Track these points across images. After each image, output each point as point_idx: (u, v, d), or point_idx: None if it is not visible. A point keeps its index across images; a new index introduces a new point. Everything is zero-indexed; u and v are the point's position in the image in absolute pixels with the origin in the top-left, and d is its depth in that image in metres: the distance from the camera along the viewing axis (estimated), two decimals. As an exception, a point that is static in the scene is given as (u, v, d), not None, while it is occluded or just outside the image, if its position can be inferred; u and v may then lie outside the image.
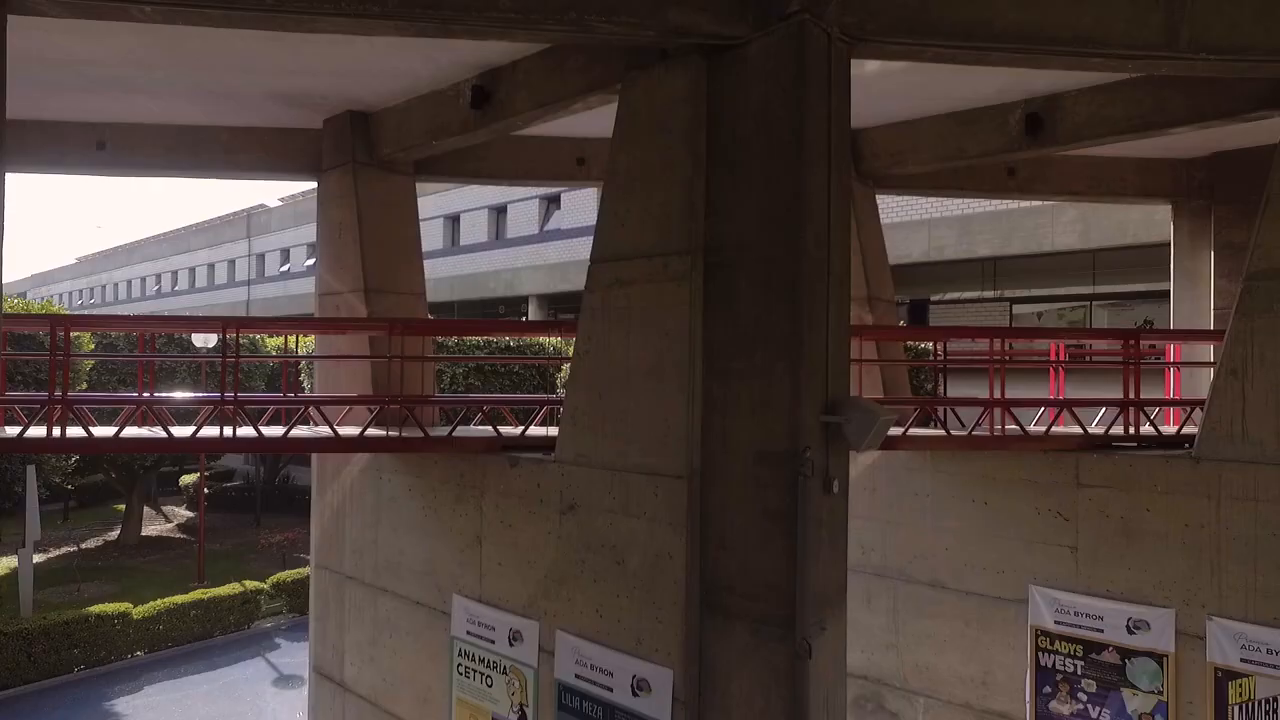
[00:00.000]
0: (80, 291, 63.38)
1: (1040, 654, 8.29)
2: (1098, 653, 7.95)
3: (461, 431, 8.12)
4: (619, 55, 6.66)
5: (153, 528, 26.23)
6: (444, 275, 31.09)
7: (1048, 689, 8.26)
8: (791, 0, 5.42)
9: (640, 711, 6.10)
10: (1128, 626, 7.78)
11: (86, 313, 42.99)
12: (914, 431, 8.23)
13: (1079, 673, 8.08)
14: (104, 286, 59.54)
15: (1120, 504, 7.86)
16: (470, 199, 29.65)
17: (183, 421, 7.39)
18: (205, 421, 7.30)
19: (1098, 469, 8.00)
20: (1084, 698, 8.06)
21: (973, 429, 8.18)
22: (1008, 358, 8.37)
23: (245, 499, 29.34)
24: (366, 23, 5.46)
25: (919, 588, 9.21)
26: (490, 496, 7.51)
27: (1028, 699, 8.39)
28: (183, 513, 29.39)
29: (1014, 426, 8.14)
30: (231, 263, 44.10)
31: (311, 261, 40.88)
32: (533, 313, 27.67)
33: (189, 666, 15.08)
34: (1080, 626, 8.05)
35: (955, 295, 20.98)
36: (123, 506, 25.13)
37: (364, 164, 9.33)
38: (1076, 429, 8.53)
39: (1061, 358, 9.60)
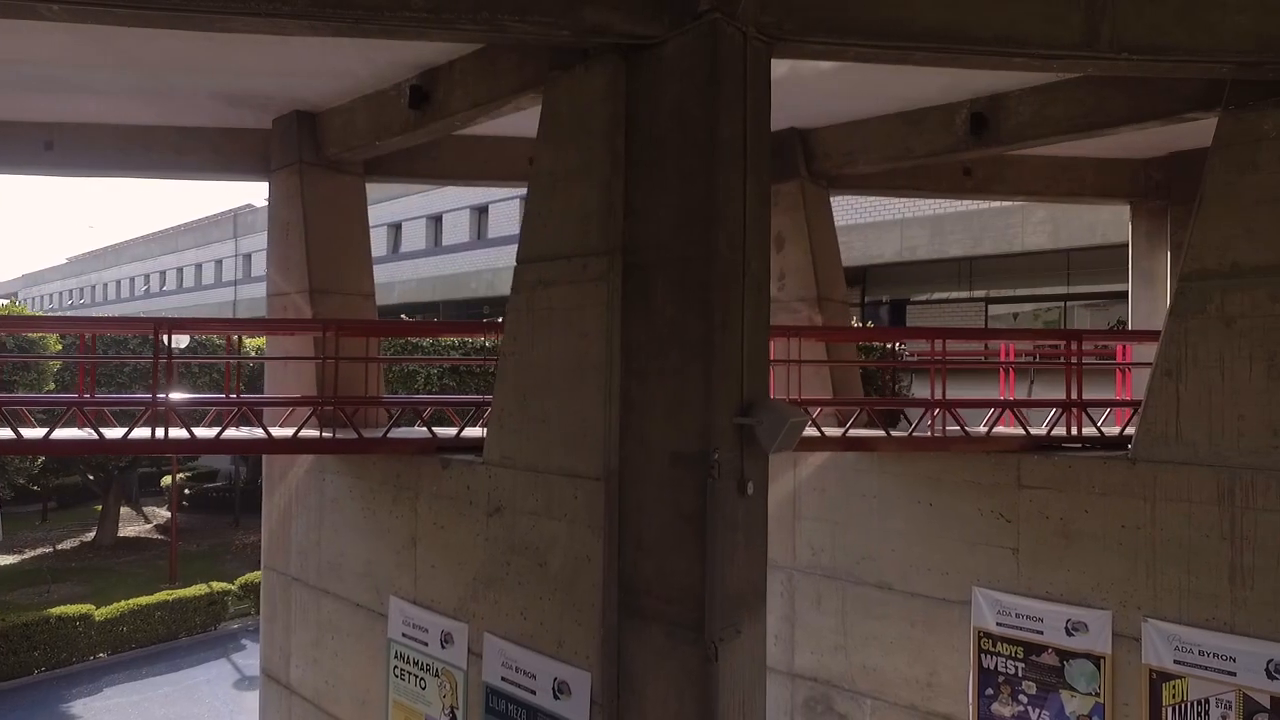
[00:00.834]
0: (70, 292, 63.29)
1: (983, 656, 8.27)
2: (1038, 654, 7.93)
3: (407, 433, 8.09)
4: (547, 55, 6.63)
5: (131, 529, 26.17)
6: (428, 275, 31.12)
7: (990, 691, 8.24)
8: (703, -1, 5.39)
9: (561, 714, 6.07)
10: (1066, 628, 7.76)
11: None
12: (854, 432, 8.21)
13: (1020, 674, 8.05)
14: (93, 287, 59.45)
15: (1060, 505, 7.84)
16: (452, 199, 29.63)
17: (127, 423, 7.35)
18: (140, 423, 7.27)
19: (1038, 470, 7.98)
20: (1024, 699, 8.03)
21: (913, 430, 8.16)
22: (944, 358, 8.31)
23: (226, 500, 29.30)
24: (278, 22, 5.43)
25: (867, 589, 9.19)
26: (424, 498, 7.48)
27: (970, 701, 8.37)
28: (163, 514, 29.30)
29: (955, 427, 8.12)
30: (218, 263, 44.05)
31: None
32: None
33: (151, 668, 15.04)
34: (1021, 628, 8.03)
35: (934, 296, 20.99)
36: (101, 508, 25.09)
37: (311, 164, 9.29)
38: (1023, 430, 8.52)
39: (1011, 358, 9.58)
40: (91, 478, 22.71)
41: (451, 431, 7.80)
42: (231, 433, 7.43)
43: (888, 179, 10.66)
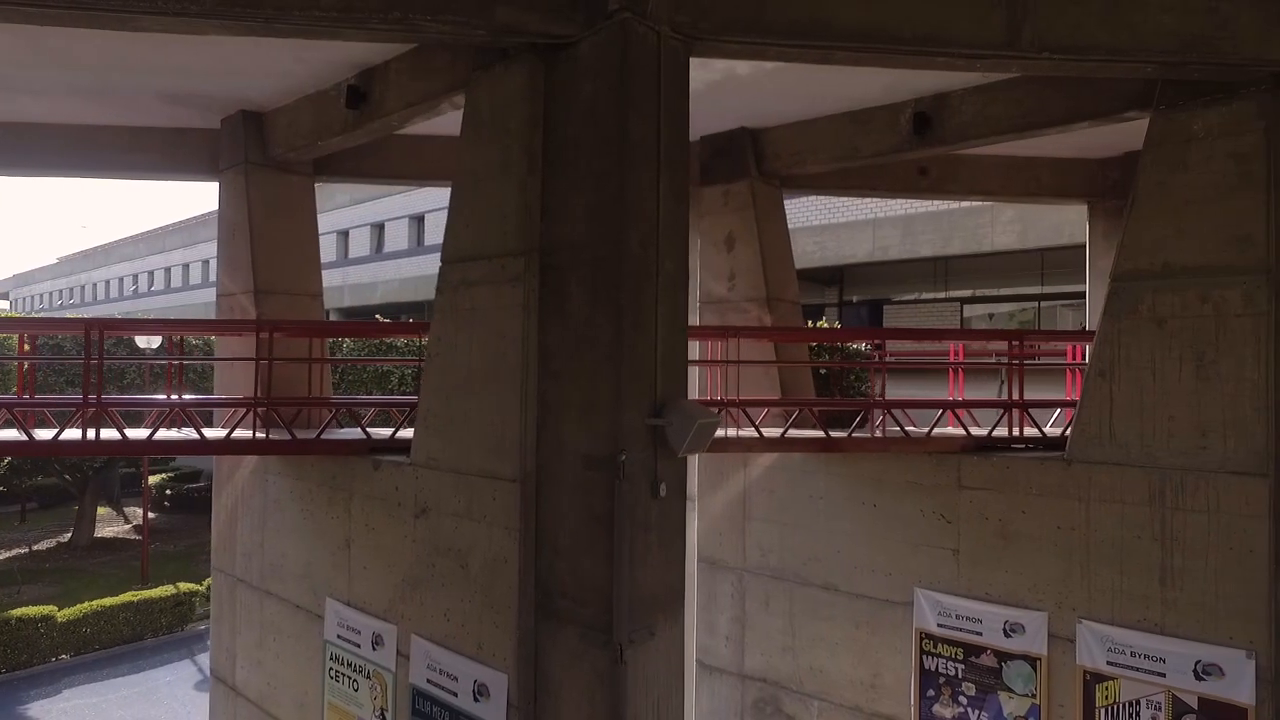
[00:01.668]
0: (60, 292, 63.19)
1: (925, 657, 8.25)
2: (977, 656, 7.91)
3: (345, 434, 8.05)
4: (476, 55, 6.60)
5: (111, 529, 26.11)
6: (410, 275, 31.05)
7: (931, 692, 8.22)
8: (613, -1, 5.37)
9: (480, 717, 6.05)
10: (1004, 629, 7.74)
11: None
12: (793, 433, 8.18)
13: (960, 676, 8.04)
14: (83, 287, 59.34)
15: (999, 506, 7.82)
16: (435, 199, 29.50)
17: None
18: (72, 424, 7.24)
19: (978, 471, 7.96)
20: (964, 701, 8.02)
21: (851, 430, 8.13)
22: (884, 358, 8.28)
23: (207, 500, 29.10)
24: (188, 21, 5.41)
25: (814, 590, 9.16)
26: (357, 499, 7.45)
27: (912, 702, 8.35)
28: (140, 514, 29.25)
29: (895, 428, 8.10)
30: (206, 262, 43.90)
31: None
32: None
33: (114, 670, 15.00)
34: (961, 629, 8.01)
35: (907, 297, 20.98)
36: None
37: (257, 164, 9.26)
38: (974, 430, 8.51)
39: (961, 359, 9.55)
40: (69, 478, 22.65)
41: (388, 432, 7.77)
42: (165, 434, 7.39)
43: (842, 178, 10.62)
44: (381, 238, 33.00)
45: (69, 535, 24.50)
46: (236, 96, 9.01)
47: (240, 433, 7.50)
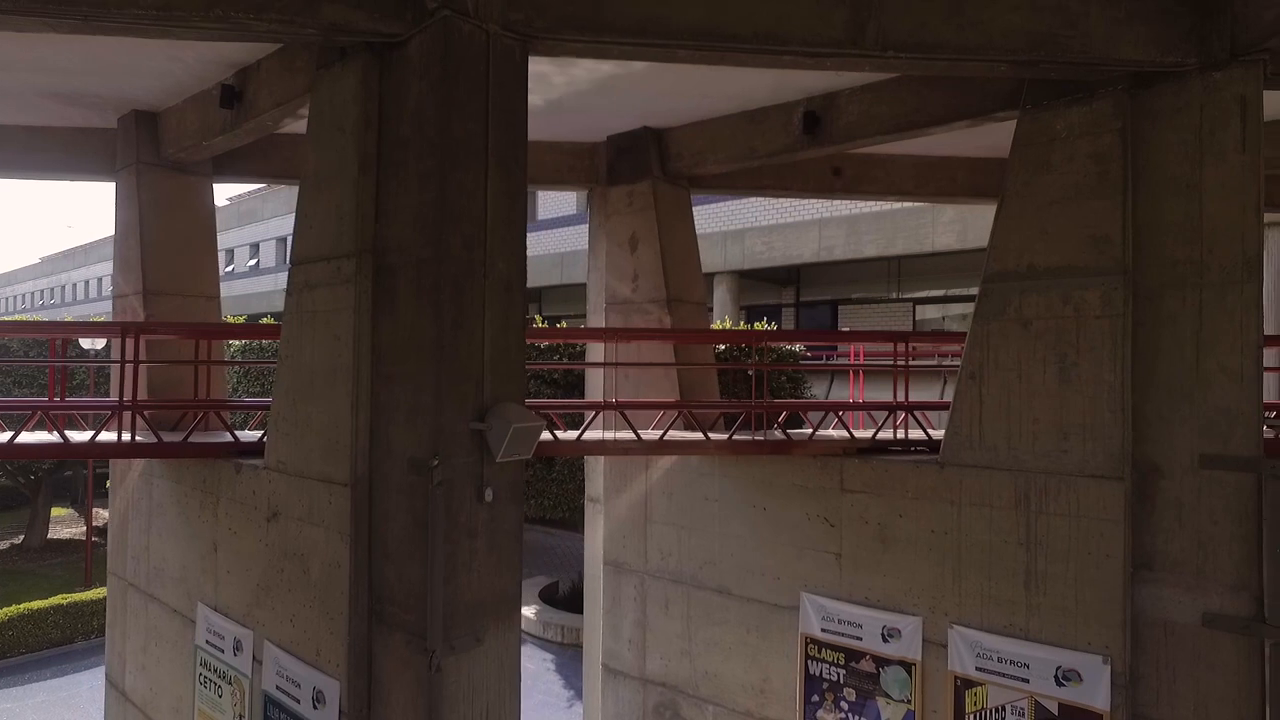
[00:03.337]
0: (42, 292, 63.05)
1: (809, 662, 8.18)
2: (857, 661, 7.84)
3: (217, 437, 7.96)
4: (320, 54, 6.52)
5: (68, 530, 25.98)
6: None
7: (815, 698, 8.14)
8: (431, -3, 5.29)
9: (317, 724, 5.97)
10: (883, 634, 7.67)
11: None
12: (673, 435, 8.09)
13: (841, 681, 7.96)
14: (64, 287, 59.23)
15: (878, 510, 7.75)
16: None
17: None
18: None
19: (859, 474, 7.89)
20: (845, 707, 7.94)
21: (732, 433, 8.05)
22: (765, 361, 8.17)
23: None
24: (4, 17, 5.34)
25: (709, 594, 9.08)
26: (223, 503, 7.37)
27: (798, 708, 8.27)
28: (106, 515, 29.12)
29: (776, 431, 8.02)
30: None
31: (253, 262, 40.72)
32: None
33: (37, 674, 14.85)
34: (842, 634, 7.93)
35: (855, 295, 20.93)
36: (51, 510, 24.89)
37: (149, 164, 9.16)
38: (872, 433, 8.45)
39: (861, 361, 9.47)
40: (21, 480, 22.51)
41: (256, 435, 7.68)
42: (27, 437, 7.29)
43: (754, 179, 10.53)
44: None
45: (21, 538, 24.37)
46: (127, 97, 8.91)
47: (106, 436, 7.41)
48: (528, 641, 16.23)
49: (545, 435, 8.20)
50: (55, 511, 27.60)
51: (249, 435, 7.69)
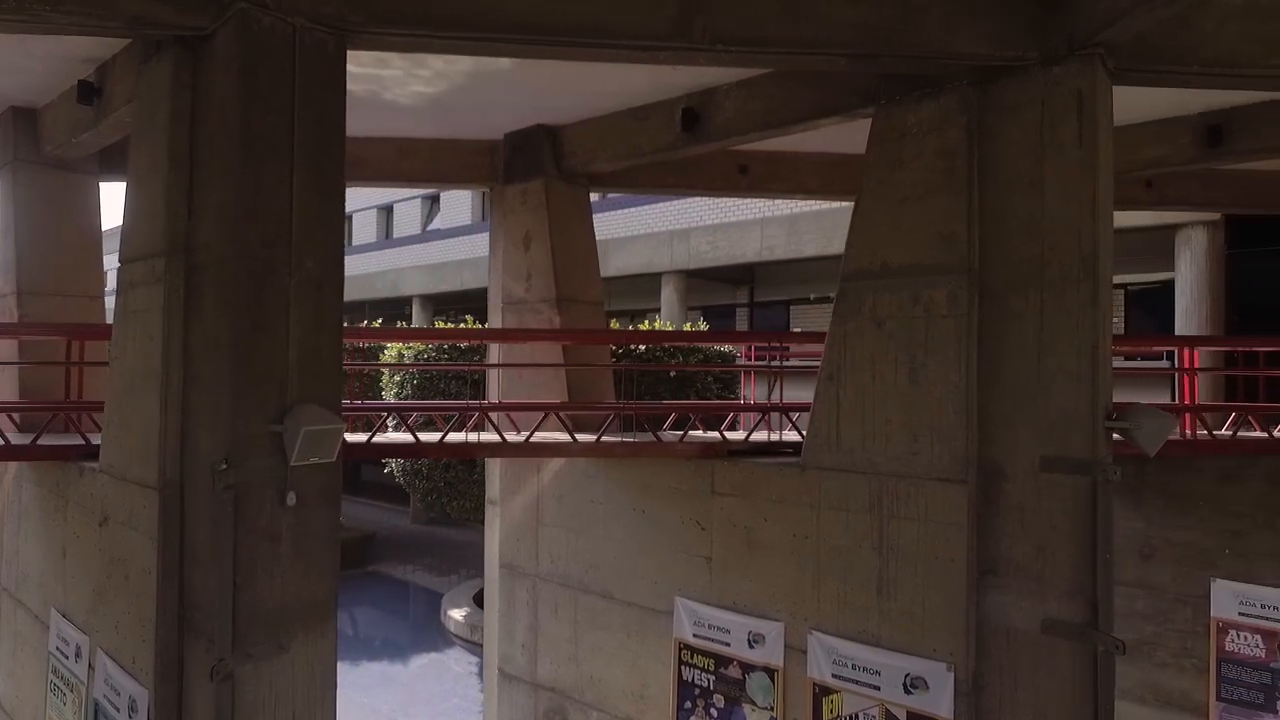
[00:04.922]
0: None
1: (683, 667, 8.04)
2: (725, 667, 7.71)
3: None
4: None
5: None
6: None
7: (688, 704, 8.01)
8: (228, -10, 5.16)
9: (130, 734, 5.83)
10: (748, 640, 7.54)
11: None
12: (541, 437, 7.96)
13: (711, 687, 7.83)
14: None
15: (745, 513, 7.62)
16: (361, 199, 29.28)
17: None
18: None
19: (728, 477, 7.76)
20: (715, 713, 7.81)
21: (599, 436, 7.92)
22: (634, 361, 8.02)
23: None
24: None
25: (594, 598, 8.95)
26: (71, 507, 7.22)
27: (671, 713, 8.14)
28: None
29: (647, 433, 7.89)
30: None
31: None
32: (416, 313, 27.30)
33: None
34: (712, 639, 7.80)
35: (811, 296, 20.79)
36: None
37: (27, 161, 9.00)
38: (745, 434, 8.34)
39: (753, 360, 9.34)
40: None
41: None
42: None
43: (657, 176, 10.41)
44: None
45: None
46: (3, 94, 8.78)
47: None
48: (456, 645, 16.09)
49: (430, 436, 8.08)
50: None
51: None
